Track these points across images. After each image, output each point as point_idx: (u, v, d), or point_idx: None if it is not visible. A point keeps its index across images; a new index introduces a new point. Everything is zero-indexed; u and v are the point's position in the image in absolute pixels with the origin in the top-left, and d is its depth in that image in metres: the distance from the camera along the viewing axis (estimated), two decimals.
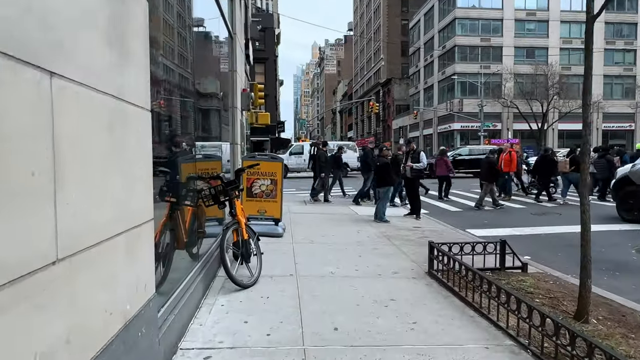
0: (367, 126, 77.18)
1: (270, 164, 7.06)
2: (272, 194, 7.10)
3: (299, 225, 8.19)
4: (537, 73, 40.48)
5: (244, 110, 8.08)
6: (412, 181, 9.56)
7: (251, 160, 7.05)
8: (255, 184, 7.07)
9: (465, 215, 10.89)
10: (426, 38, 54.34)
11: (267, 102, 43.99)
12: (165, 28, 3.44)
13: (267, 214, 7.11)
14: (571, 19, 46.11)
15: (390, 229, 8.18)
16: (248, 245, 4.40)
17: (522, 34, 46.08)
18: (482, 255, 5.22)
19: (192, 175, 4.37)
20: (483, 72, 42.74)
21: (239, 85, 7.61)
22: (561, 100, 40.27)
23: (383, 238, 7.24)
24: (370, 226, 8.41)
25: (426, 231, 8.04)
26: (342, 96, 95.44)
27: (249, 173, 7.05)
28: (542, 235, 8.37)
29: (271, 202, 7.11)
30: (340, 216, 9.74)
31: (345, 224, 8.61)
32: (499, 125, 45.50)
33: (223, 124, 6.73)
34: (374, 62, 75.73)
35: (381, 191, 8.82)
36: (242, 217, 4.44)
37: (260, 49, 43.65)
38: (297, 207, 11.19)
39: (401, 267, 5.41)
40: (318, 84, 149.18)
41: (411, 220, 9.37)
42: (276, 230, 6.92)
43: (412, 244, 6.80)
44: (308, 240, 6.82)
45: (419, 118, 51.93)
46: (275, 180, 7.07)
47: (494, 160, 12.51)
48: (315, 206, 11.55)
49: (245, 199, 7.08)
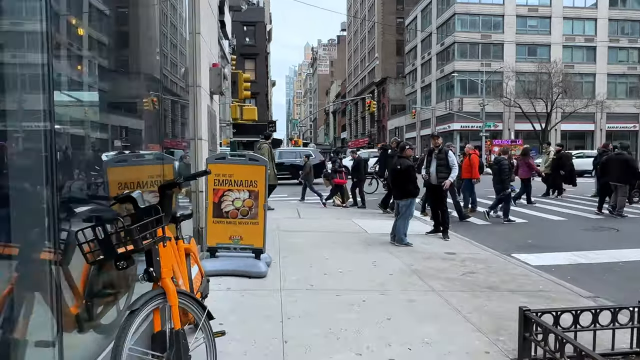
0: (361, 127, 75.06)
1: (248, 168, 4.79)
2: (251, 213, 4.83)
3: (291, 254, 5.91)
4: (540, 71, 38.57)
5: (215, 93, 5.81)
6: (438, 190, 7.34)
7: (219, 162, 4.77)
8: (225, 198, 4.80)
9: (498, 231, 8.71)
10: (423, 35, 52.37)
11: (258, 100, 41.68)
12: None
13: (244, 242, 4.84)
14: (574, 16, 44.42)
15: (417, 257, 5.94)
16: (180, 343, 2.11)
17: (524, 31, 44.25)
18: (610, 329, 3.00)
19: (74, 196, 2.14)
20: (485, 70, 40.79)
21: (206, 57, 5.34)
22: (565, 99, 38.44)
23: (413, 276, 4.99)
24: (389, 252, 6.17)
25: (467, 261, 5.82)
26: (336, 97, 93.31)
27: (217, 182, 4.77)
28: (621, 264, 6.18)
29: (250, 225, 4.83)
30: (346, 235, 7.48)
31: (354, 249, 6.35)
32: (500, 126, 43.59)
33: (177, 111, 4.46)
34: (368, 61, 73.71)
35: (402, 205, 6.58)
36: (170, 282, 2.16)
37: (251, 44, 41.39)
38: (288, 221, 8.91)
39: (466, 347, 3.17)
40: (311, 85, 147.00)
41: (438, 241, 7.16)
42: (256, 268, 4.66)
43: (461, 288, 4.57)
44: (305, 285, 4.55)
45: (417, 118, 49.86)
46: (256, 192, 4.81)
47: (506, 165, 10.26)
48: (313, 219, 9.28)
49: (210, 220, 4.80)
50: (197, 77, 5.02)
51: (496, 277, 5.05)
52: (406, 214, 6.57)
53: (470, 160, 10.75)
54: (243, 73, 13.60)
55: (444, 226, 7.41)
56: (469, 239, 7.50)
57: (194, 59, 4.94)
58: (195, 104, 5.03)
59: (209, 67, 5.65)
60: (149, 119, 3.47)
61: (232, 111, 12.83)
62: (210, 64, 5.69)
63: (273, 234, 7.21)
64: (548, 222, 9.83)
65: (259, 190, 4.81)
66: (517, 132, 43.62)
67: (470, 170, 10.71)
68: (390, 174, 6.84)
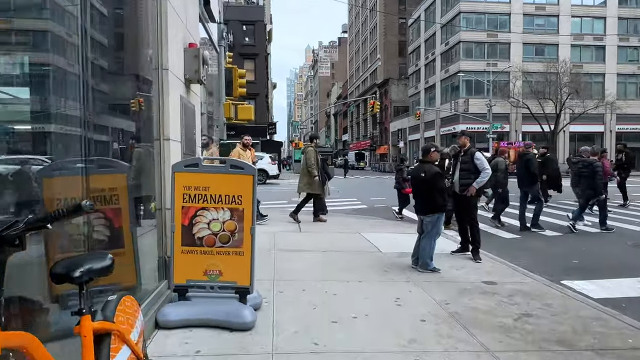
0: (363, 129, 73.81)
1: (230, 178, 3.51)
2: (234, 240, 3.55)
3: (288, 286, 4.62)
4: (549, 71, 37.24)
5: (193, 80, 4.54)
6: (464, 200, 6.05)
7: (190, 171, 3.48)
8: (199, 219, 3.51)
9: (531, 247, 7.42)
10: (427, 35, 51.16)
11: (258, 101, 40.43)
12: None
13: (225, 279, 3.55)
14: (583, 14, 43.18)
15: (450, 290, 4.64)
16: None
17: (531, 30, 42.99)
18: None
19: None
20: (491, 70, 39.51)
21: (176, 30, 4.07)
22: (574, 100, 37.11)
23: (454, 324, 3.69)
24: (414, 283, 4.87)
25: (515, 295, 4.52)
26: (337, 98, 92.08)
27: (187, 198, 3.50)
28: None
29: (233, 257, 3.55)
30: (355, 256, 6.18)
31: (369, 278, 5.05)
32: (506, 127, 42.29)
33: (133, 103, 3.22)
34: (370, 63, 72.56)
35: (427, 221, 5.29)
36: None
37: (250, 44, 40.18)
38: (286, 236, 7.63)
39: None
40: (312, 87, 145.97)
41: (468, 264, 5.87)
42: (239, 318, 3.37)
43: (524, 346, 3.27)
44: (306, 342, 3.25)
45: (420, 120, 48.57)
46: (241, 211, 3.52)
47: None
48: (315, 232, 7.99)
49: (178, 249, 3.52)
50: (162, 56, 3.75)
51: (564, 323, 3.76)
52: (432, 232, 5.28)
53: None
54: (238, 68, 12.34)
55: (474, 244, 6.12)
56: (502, 260, 6.21)
57: (157, 32, 3.67)
58: (160, 93, 3.76)
59: (184, 47, 4.39)
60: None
61: (225, 110, 11.56)
62: (185, 43, 4.42)
63: (267, 256, 5.92)
64: (577, 234, 8.55)
65: (244, 209, 3.53)
66: (525, 133, 42.31)
67: None
68: (412, 183, 5.55)
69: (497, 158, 9.47)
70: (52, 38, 2.33)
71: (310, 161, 8.86)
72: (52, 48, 2.34)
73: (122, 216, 3.39)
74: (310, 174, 8.81)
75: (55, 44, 2.36)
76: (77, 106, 2.39)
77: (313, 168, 8.79)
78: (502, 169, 9.15)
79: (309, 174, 8.83)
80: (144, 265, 3.59)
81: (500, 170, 9.02)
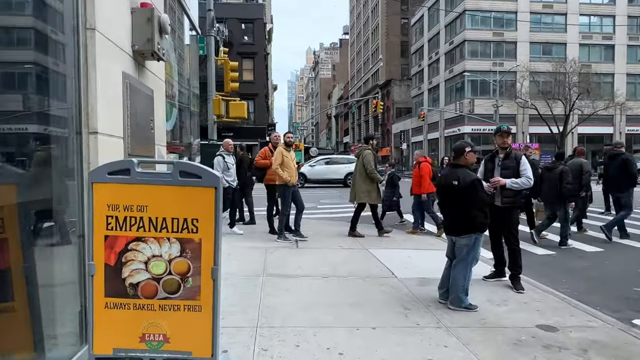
0: (364, 130, 72.53)
1: (178, 193, 2.25)
2: (186, 288, 2.29)
3: (276, 338, 3.34)
4: (559, 71, 35.94)
5: (145, 54, 3.29)
6: (504, 215, 4.77)
7: (118, 181, 2.23)
8: (132, 255, 2.26)
9: (575, 267, 6.16)
10: (430, 35, 49.94)
11: (257, 102, 39.22)
12: None
13: (173, 347, 2.29)
14: (591, 12, 41.97)
15: (500, 342, 3.37)
16: None
17: (538, 28, 41.76)
18: None
19: None
20: (498, 69, 38.27)
21: None
22: (583, 100, 35.81)
23: None
24: (447, 330, 3.59)
25: (590, 350, 3.26)
26: (338, 100, 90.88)
27: (112, 223, 2.24)
28: None
29: (184, 313, 2.29)
30: (365, 285, 4.89)
31: (385, 321, 3.77)
32: (513, 129, 40.96)
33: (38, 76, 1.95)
34: (371, 64, 71.39)
35: (461, 244, 4.02)
36: None
37: (249, 43, 38.99)
38: (280, 254, 6.36)
39: None
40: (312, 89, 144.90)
41: (510, 295, 4.60)
42: None
43: None
44: None
45: (424, 121, 47.29)
46: (198, 243, 2.26)
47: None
48: (315, 249, 6.72)
49: (100, 303, 2.26)
50: (85, 9, 2.50)
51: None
52: (467, 258, 4.01)
53: (420, 171, 8.38)
54: (228, 60, 11.11)
55: (514, 269, 4.85)
56: (547, 288, 4.96)
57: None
58: (81, 65, 2.51)
59: (131, 6, 3.15)
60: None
61: (214, 106, 10.31)
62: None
63: (253, 286, 4.67)
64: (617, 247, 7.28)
65: (202, 240, 2.26)
66: (532, 135, 41.02)
67: (419, 183, 8.36)
68: (441, 193, 4.27)
69: (578, 159, 8.44)
70: None
71: (370, 165, 7.71)
72: None
73: (8, 251, 2.16)
74: (372, 180, 7.73)
75: None
76: None
77: (375, 173, 7.72)
78: (588, 170, 8.31)
79: (369, 180, 7.73)
80: (52, 323, 2.34)
81: (587, 172, 8.16)
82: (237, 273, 5.18)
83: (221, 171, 7.43)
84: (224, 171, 7.53)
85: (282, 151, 7.18)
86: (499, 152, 4.98)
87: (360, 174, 7.84)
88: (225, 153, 7.81)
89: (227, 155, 7.81)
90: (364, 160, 7.77)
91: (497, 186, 4.58)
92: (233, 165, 7.86)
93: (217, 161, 7.66)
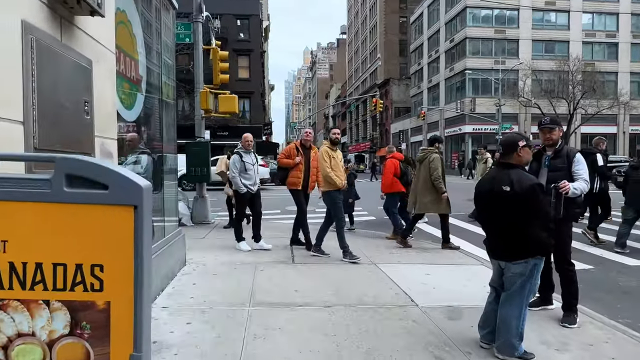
0: (362, 131, 71.55)
1: (66, 212, 1.21)
2: None
3: None
4: (563, 69, 35.01)
5: None
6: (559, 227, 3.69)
7: None
8: None
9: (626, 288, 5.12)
10: (430, 32, 48.98)
11: (252, 100, 38.13)
12: None
13: None
14: (594, 10, 41.11)
15: None
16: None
17: (540, 26, 40.88)
18: None
19: None
20: (500, 68, 37.34)
21: None
22: (588, 99, 34.90)
23: None
24: None
25: None
26: (336, 100, 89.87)
27: None
28: None
29: None
30: (379, 316, 3.84)
31: None
32: (515, 128, 40.04)
33: None
34: (369, 63, 70.44)
35: (515, 273, 2.95)
36: None
37: (245, 40, 37.89)
38: (273, 274, 5.30)
39: None
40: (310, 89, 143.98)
41: (567, 333, 3.55)
42: None
43: None
44: None
45: (423, 120, 46.33)
46: (104, 310, 1.21)
47: None
48: (314, 264, 5.67)
49: None
50: None
51: None
52: (522, 292, 2.96)
53: (388, 167, 7.58)
54: (219, 50, 10.04)
55: (567, 300, 3.80)
56: (609, 320, 3.92)
57: None
58: None
59: None
60: None
61: (201, 100, 9.25)
62: None
63: (235, 324, 3.60)
64: None
65: (111, 303, 1.21)
66: (534, 135, 40.11)
67: (390, 182, 7.53)
68: (482, 202, 3.18)
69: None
70: None
71: (437, 172, 6.76)
72: None
73: None
74: (438, 189, 6.78)
75: None
76: None
77: (439, 181, 6.74)
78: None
79: (436, 189, 6.80)
80: None
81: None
82: (219, 301, 4.12)
83: (238, 173, 6.30)
84: (242, 173, 6.35)
85: (327, 151, 6.01)
86: (547, 148, 3.93)
87: (425, 181, 6.88)
88: (243, 151, 6.51)
89: (246, 154, 6.50)
90: (431, 165, 6.79)
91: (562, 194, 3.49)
92: (254, 166, 6.55)
93: (233, 161, 6.43)
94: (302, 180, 6.46)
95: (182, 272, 5.14)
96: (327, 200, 6.12)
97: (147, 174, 4.06)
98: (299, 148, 6.60)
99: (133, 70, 4.04)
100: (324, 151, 6.02)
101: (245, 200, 6.53)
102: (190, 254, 6.07)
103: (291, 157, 6.59)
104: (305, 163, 6.51)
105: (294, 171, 6.50)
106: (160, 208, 4.70)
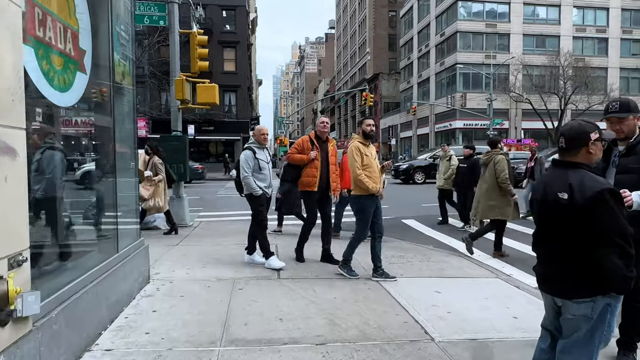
0: (351, 126, 70.73)
1: None
2: None
3: None
4: (554, 64, 34.61)
5: None
6: None
7: None
8: None
9: None
10: (420, 26, 48.28)
11: (239, 94, 36.94)
12: None
13: None
14: (585, 4, 40.82)
15: None
16: None
17: (532, 20, 40.46)
18: None
19: None
20: (492, 62, 36.82)
21: None
22: (578, 95, 34.59)
23: None
24: None
25: None
26: (324, 95, 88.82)
27: None
28: None
29: None
30: (387, 357, 3.02)
31: None
32: (506, 124, 39.66)
33: None
34: (358, 57, 69.56)
35: (578, 315, 2.13)
36: None
37: (231, 31, 36.66)
38: (252, 296, 4.42)
39: None
40: (298, 84, 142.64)
41: None
42: None
43: None
44: None
45: (413, 115, 45.69)
46: None
47: None
48: (304, 280, 4.80)
49: None
50: None
51: None
52: (592, 341, 2.15)
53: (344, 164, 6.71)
54: (197, 34, 9.06)
55: (631, 337, 3.01)
56: None
57: None
58: None
59: None
60: None
61: (177, 89, 8.29)
62: None
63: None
64: None
65: None
66: (525, 130, 39.74)
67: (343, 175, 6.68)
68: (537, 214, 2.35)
69: None
70: None
71: (504, 173, 6.14)
72: None
73: None
74: (506, 192, 6.16)
75: None
76: None
77: (507, 184, 6.13)
78: None
79: (502, 192, 6.19)
80: None
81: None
82: (182, 339, 3.22)
83: (251, 172, 5.20)
84: (255, 172, 5.23)
85: (358, 147, 4.80)
86: (618, 143, 3.06)
87: (491, 185, 6.27)
88: (256, 146, 5.36)
89: (259, 150, 5.37)
90: (497, 167, 6.18)
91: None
92: (268, 164, 5.45)
93: (244, 158, 5.24)
94: (318, 180, 5.36)
95: (142, 292, 4.23)
96: (355, 207, 5.02)
97: (45, 175, 3.05)
98: (314, 140, 5.45)
99: (69, 40, 3.11)
100: (355, 147, 4.81)
101: (264, 202, 5.35)
102: (158, 267, 5.16)
103: (304, 151, 5.43)
104: (322, 159, 5.42)
105: (308, 169, 5.40)
106: (114, 220, 3.79)
